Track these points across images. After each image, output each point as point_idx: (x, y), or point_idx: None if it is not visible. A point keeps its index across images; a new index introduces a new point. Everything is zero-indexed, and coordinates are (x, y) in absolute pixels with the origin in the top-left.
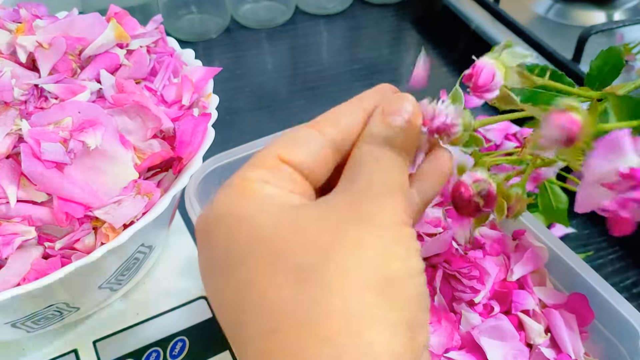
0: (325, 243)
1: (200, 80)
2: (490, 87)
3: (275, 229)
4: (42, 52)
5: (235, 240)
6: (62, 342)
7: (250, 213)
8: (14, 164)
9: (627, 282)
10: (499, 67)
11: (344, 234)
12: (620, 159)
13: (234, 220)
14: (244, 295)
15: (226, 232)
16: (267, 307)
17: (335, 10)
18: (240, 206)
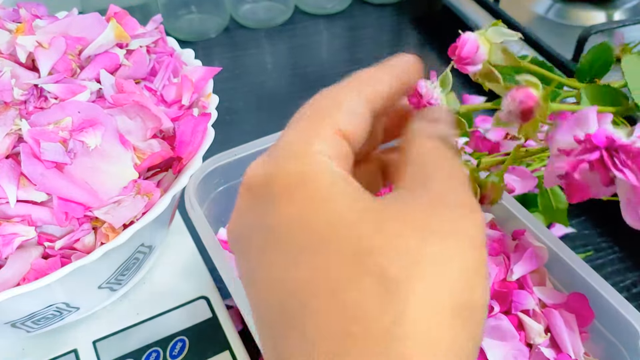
0: (413, 255)
1: (200, 80)
2: (474, 60)
3: (357, 224)
4: (42, 52)
5: (312, 221)
6: (61, 342)
7: (328, 195)
8: (13, 164)
9: (627, 282)
10: (484, 42)
11: (431, 249)
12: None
13: (309, 197)
14: (316, 286)
15: (301, 207)
16: (346, 309)
17: (335, 10)
18: (316, 181)
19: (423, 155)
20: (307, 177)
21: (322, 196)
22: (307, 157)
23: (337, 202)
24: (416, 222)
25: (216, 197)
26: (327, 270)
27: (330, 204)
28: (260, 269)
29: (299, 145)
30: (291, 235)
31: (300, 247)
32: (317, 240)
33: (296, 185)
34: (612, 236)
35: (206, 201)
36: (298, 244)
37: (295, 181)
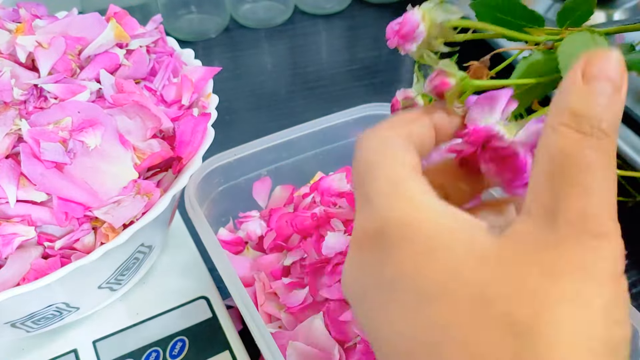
0: (541, 299)
1: (200, 80)
2: (414, 37)
3: (477, 268)
4: (42, 52)
5: (428, 268)
6: (61, 342)
7: (441, 243)
8: (13, 164)
9: (627, 282)
10: (425, 19)
11: (561, 289)
12: (490, 115)
13: (423, 243)
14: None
15: (414, 255)
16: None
17: (334, 10)
18: (425, 227)
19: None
20: (415, 227)
21: (435, 245)
22: (407, 204)
23: (453, 250)
24: (543, 263)
25: (216, 197)
26: (449, 321)
27: (446, 252)
28: (384, 325)
29: (393, 194)
30: (411, 287)
31: (422, 298)
32: (440, 290)
33: (408, 237)
34: None
35: (206, 201)
36: (419, 295)
37: (407, 233)
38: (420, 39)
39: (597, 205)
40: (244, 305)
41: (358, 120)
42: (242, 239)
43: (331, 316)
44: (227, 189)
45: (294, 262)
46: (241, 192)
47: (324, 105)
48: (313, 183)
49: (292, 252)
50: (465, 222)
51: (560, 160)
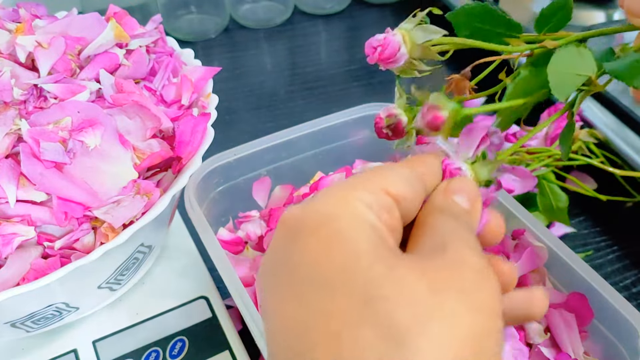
0: (424, 308)
1: (200, 80)
2: (396, 59)
3: (370, 269)
4: (42, 52)
5: (329, 261)
6: (61, 342)
7: (349, 237)
8: (13, 164)
9: (627, 282)
10: (406, 41)
11: (445, 304)
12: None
13: (332, 236)
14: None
15: (320, 245)
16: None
17: (334, 10)
18: (341, 222)
19: (435, 229)
20: (334, 217)
21: (343, 237)
22: (343, 201)
23: (356, 245)
24: (433, 278)
25: (216, 197)
26: (334, 314)
27: (349, 245)
28: (280, 305)
29: (341, 192)
30: (309, 274)
31: (314, 287)
32: (329, 282)
33: (321, 224)
34: (611, 236)
35: (206, 201)
36: (313, 283)
37: (322, 220)
38: (402, 61)
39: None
40: (244, 305)
41: (357, 120)
42: (242, 239)
43: None
44: (227, 189)
45: None
46: (241, 192)
47: (324, 105)
48: (313, 183)
49: None
50: (384, 236)
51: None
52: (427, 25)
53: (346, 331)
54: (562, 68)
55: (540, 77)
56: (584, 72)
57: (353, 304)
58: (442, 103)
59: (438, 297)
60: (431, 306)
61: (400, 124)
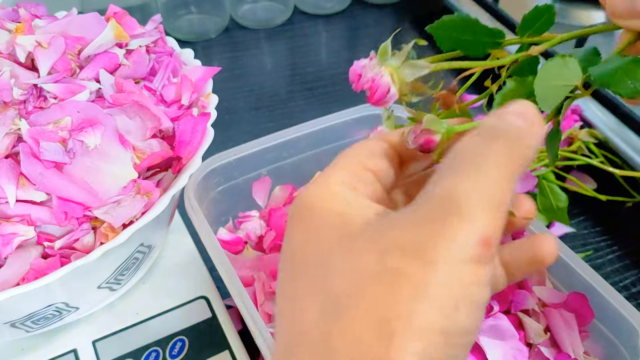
0: (361, 274)
1: (200, 80)
2: (386, 100)
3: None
4: (41, 52)
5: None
6: (61, 342)
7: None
8: (13, 164)
9: (627, 282)
10: (395, 80)
11: (382, 264)
12: None
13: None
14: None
15: (302, 232)
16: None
17: (334, 10)
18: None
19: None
20: (317, 205)
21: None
22: (323, 185)
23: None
24: (384, 243)
25: (216, 197)
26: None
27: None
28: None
29: (323, 176)
30: (288, 260)
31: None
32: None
33: (303, 210)
34: (611, 236)
35: (206, 201)
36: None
37: (306, 206)
38: (392, 101)
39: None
40: (244, 305)
41: (357, 120)
42: (242, 238)
43: None
44: (227, 189)
45: None
46: (241, 191)
47: (324, 106)
48: None
49: None
50: (360, 209)
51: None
52: (415, 62)
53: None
54: (548, 81)
55: (526, 87)
56: (570, 82)
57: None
58: (435, 126)
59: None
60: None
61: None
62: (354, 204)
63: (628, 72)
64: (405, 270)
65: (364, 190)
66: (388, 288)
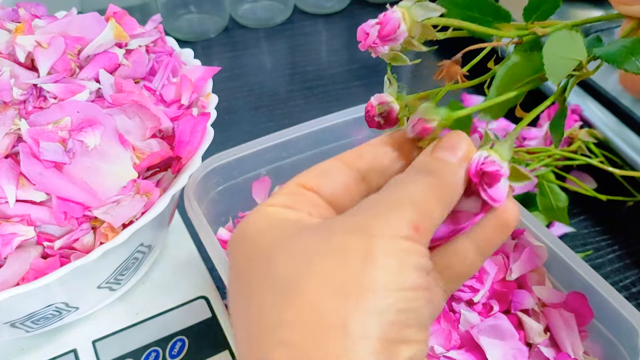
0: (306, 254)
1: (199, 80)
2: (395, 37)
3: (271, 246)
4: (41, 52)
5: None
6: (61, 342)
7: (259, 235)
8: (13, 164)
9: (627, 282)
10: (405, 18)
11: (327, 243)
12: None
13: (245, 242)
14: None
15: (239, 253)
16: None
17: (334, 9)
18: (253, 228)
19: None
20: (250, 226)
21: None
22: (260, 209)
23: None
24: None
25: (215, 197)
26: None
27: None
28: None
29: (260, 205)
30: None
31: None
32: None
33: (239, 239)
34: (611, 235)
35: (205, 201)
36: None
37: (241, 234)
38: (401, 38)
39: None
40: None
41: (358, 120)
42: None
43: None
44: (227, 189)
45: None
46: (240, 191)
47: (324, 105)
48: None
49: None
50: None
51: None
52: (426, 2)
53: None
54: (556, 51)
55: (531, 62)
56: (576, 57)
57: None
58: (431, 114)
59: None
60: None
61: (393, 112)
62: (290, 216)
63: (633, 51)
64: (349, 244)
65: (301, 208)
66: (336, 260)
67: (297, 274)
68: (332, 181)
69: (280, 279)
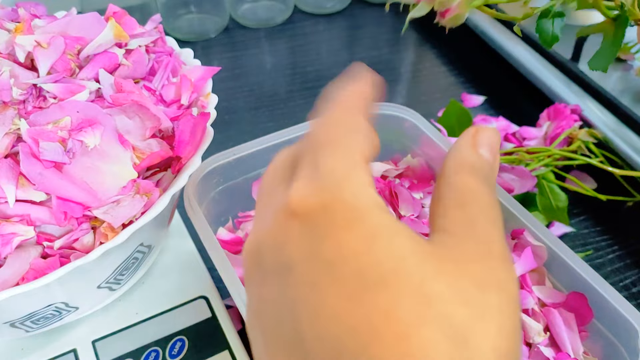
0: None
1: (199, 80)
2: None
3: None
4: (41, 52)
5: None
6: (61, 342)
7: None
8: (12, 164)
9: (627, 282)
10: None
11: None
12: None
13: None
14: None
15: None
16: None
17: (334, 9)
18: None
19: (464, 195)
20: (364, 212)
21: (379, 233)
22: (358, 190)
23: (396, 241)
24: (472, 272)
25: (215, 197)
26: (391, 312)
27: (390, 242)
28: (308, 302)
29: (346, 176)
30: (354, 272)
31: (363, 285)
32: (381, 280)
33: (356, 219)
34: (611, 235)
35: (205, 201)
36: (361, 281)
37: (355, 215)
38: None
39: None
40: (244, 305)
41: None
42: (242, 238)
43: None
44: (227, 189)
45: None
46: (240, 191)
47: None
48: None
49: None
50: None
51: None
52: None
53: (409, 329)
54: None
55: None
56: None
57: (410, 303)
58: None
59: (485, 294)
60: (482, 305)
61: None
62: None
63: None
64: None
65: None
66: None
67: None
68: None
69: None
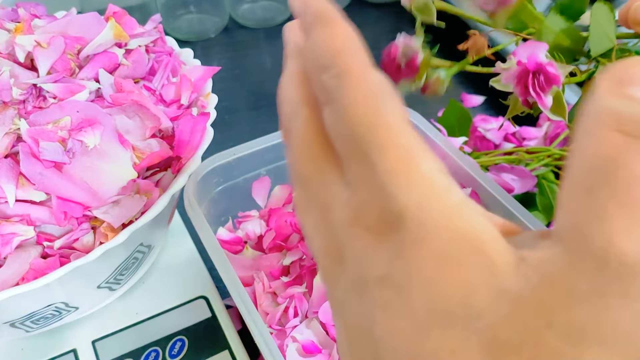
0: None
1: (199, 80)
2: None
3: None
4: (41, 52)
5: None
6: (61, 342)
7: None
8: (12, 164)
9: None
10: None
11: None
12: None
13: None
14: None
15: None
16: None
17: None
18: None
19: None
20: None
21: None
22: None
23: (470, 266)
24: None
25: (215, 197)
26: (461, 353)
27: (463, 267)
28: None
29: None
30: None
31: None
32: (452, 312)
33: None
34: None
35: (205, 201)
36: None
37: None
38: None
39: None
40: (243, 305)
41: None
42: (242, 238)
43: (327, 317)
44: (226, 189)
45: (293, 262)
46: (240, 191)
47: None
48: None
49: (291, 252)
50: (481, 228)
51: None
52: None
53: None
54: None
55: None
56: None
57: (483, 349)
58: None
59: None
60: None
61: (416, 58)
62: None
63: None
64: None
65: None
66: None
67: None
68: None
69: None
